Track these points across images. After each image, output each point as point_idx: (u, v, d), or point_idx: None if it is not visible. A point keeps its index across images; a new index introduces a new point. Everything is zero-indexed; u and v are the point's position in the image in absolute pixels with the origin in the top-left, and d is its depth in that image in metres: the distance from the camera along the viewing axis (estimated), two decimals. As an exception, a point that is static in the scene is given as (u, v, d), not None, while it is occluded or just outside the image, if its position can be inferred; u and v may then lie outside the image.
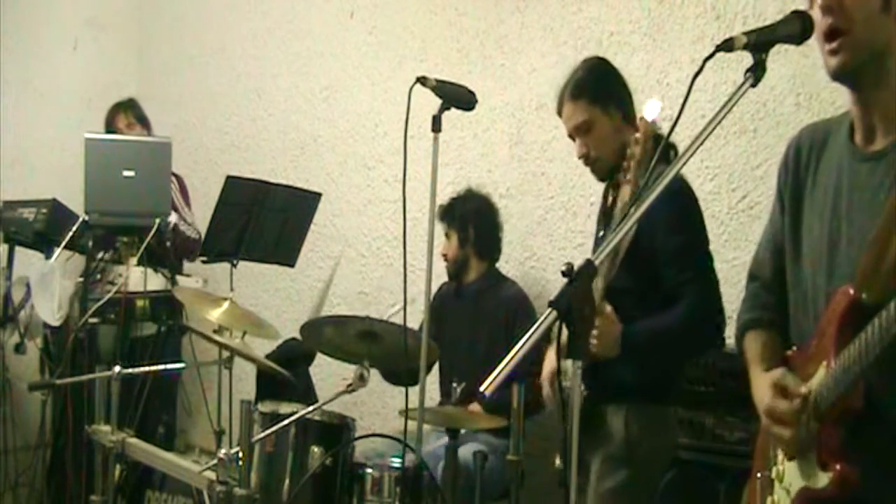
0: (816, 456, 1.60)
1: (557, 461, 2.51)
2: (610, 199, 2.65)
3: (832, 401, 1.58)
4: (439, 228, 3.73)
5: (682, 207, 2.47)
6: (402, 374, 3.50)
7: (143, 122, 4.67)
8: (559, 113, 2.66)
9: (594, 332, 2.27)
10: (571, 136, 2.65)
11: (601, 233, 2.71)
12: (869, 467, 1.55)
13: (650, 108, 2.22)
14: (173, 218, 4.28)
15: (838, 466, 1.56)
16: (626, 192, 2.27)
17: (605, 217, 2.66)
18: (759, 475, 1.82)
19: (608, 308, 2.32)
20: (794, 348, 1.82)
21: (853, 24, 1.62)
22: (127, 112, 4.63)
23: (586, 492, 2.49)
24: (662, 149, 2.08)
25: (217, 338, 3.57)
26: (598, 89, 2.60)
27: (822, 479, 1.58)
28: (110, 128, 4.63)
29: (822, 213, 1.74)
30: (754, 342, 1.92)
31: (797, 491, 1.65)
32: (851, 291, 1.58)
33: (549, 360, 2.56)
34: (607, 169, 2.60)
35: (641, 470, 2.47)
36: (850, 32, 1.62)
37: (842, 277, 1.65)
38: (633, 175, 2.22)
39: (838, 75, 1.67)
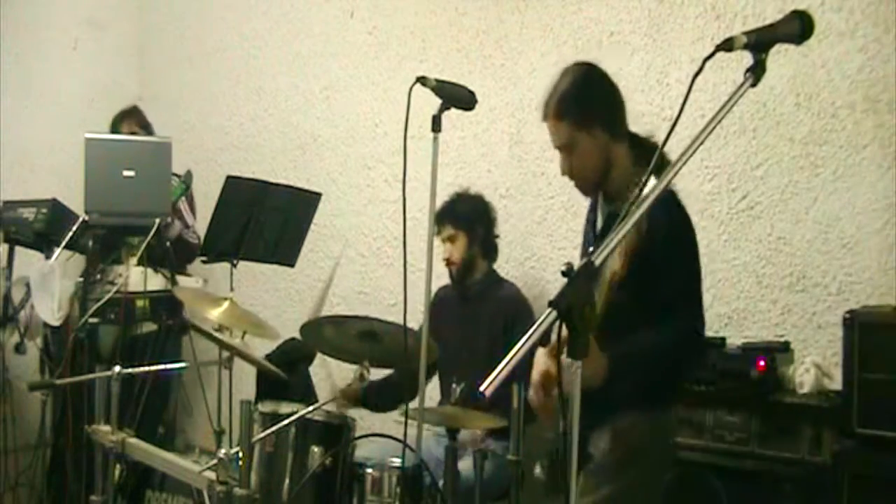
0: None
1: (537, 470, 2.44)
2: (599, 218, 2.60)
3: None
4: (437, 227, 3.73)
5: (681, 240, 2.42)
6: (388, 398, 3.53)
7: (147, 128, 4.71)
8: (544, 120, 2.55)
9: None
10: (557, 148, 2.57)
11: (590, 248, 2.63)
12: None
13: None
14: (177, 227, 4.29)
15: None
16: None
17: (594, 234, 2.60)
18: None
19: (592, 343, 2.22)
20: None
21: None
22: (130, 120, 4.68)
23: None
24: (656, 160, 2.04)
25: (217, 335, 3.57)
26: (582, 111, 2.47)
27: None
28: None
29: None
30: None
31: None
32: None
33: (539, 364, 2.41)
34: (590, 187, 2.55)
35: (626, 488, 2.38)
36: None
37: None
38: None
39: None
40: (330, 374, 4.41)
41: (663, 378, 2.44)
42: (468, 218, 3.72)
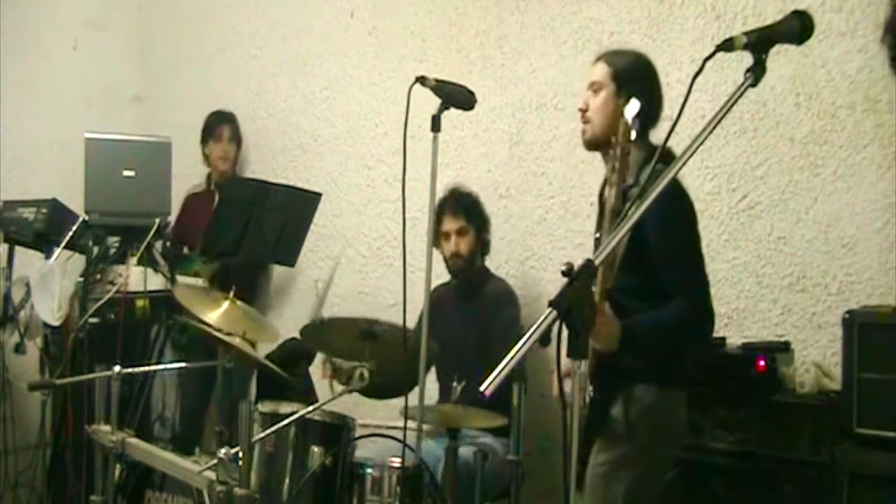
0: None
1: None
2: (604, 199, 2.65)
3: None
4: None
5: (675, 209, 2.47)
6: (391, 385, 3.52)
7: (239, 141, 4.79)
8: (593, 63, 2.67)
9: (595, 330, 2.28)
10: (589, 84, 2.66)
11: (598, 234, 2.71)
12: None
13: (630, 107, 2.24)
14: None
15: None
16: (612, 195, 2.29)
17: (600, 217, 2.66)
18: None
19: (608, 310, 2.32)
20: None
21: None
22: (227, 126, 4.76)
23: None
24: (661, 151, 2.07)
25: (219, 334, 3.57)
26: (627, 78, 2.59)
27: None
28: (207, 133, 4.75)
29: None
30: None
31: None
32: None
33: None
34: (593, 138, 2.62)
35: (641, 447, 2.46)
36: None
37: None
38: (616, 179, 2.27)
39: None
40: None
41: (670, 353, 2.53)
42: (480, 214, 3.77)
